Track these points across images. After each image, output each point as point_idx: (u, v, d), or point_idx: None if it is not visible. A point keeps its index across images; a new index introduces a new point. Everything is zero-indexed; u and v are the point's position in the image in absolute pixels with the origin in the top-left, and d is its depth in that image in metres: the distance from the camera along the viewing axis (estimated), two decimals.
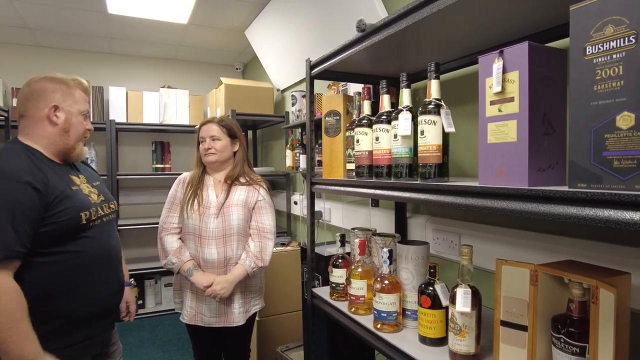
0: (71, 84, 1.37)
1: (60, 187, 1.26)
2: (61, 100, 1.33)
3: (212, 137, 1.84)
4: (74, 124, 1.35)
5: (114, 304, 1.44)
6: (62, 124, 1.32)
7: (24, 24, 3.26)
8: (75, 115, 1.36)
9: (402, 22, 1.08)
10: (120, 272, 1.47)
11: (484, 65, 0.90)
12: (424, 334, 1.15)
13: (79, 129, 1.37)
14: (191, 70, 4.36)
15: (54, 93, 1.32)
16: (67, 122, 1.33)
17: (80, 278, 1.29)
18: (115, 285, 1.42)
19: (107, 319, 1.43)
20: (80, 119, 1.38)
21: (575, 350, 0.80)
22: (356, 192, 1.35)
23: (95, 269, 1.33)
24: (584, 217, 0.66)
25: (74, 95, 1.36)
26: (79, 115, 1.37)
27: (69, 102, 1.34)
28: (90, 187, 1.41)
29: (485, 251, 1.38)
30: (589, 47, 0.66)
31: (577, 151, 0.68)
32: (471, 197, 0.88)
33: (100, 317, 1.37)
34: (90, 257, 1.32)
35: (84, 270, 1.30)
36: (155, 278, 3.92)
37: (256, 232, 1.83)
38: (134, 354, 3.04)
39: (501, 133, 0.86)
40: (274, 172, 3.45)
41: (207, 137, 1.84)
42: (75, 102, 1.36)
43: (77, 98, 1.37)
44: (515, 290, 0.93)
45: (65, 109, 1.33)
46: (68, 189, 1.29)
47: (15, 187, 1.15)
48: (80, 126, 1.38)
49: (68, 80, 1.37)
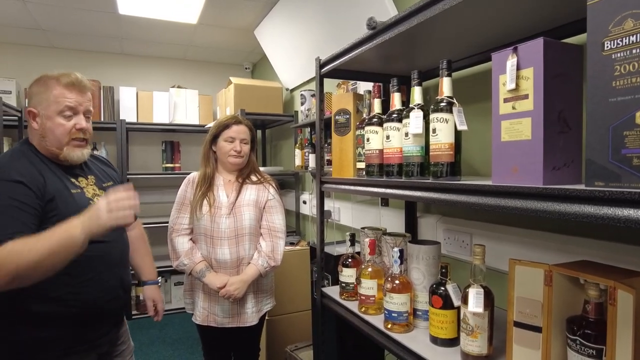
0: (50, 82, 1.27)
1: (58, 190, 1.22)
2: (37, 103, 1.26)
3: (243, 140, 1.81)
4: (49, 127, 1.25)
5: (117, 307, 1.40)
6: (39, 130, 1.26)
7: (37, 25, 3.30)
8: (51, 118, 1.25)
9: (413, 20, 1.07)
10: (125, 275, 1.41)
11: (498, 62, 0.88)
12: (435, 335, 1.14)
13: (58, 131, 1.26)
14: (201, 70, 4.38)
15: (35, 97, 1.27)
16: (42, 127, 1.26)
17: (79, 282, 1.24)
18: (116, 289, 1.36)
19: (110, 321, 1.39)
20: (59, 120, 1.26)
21: (592, 353, 0.78)
22: (366, 192, 1.34)
23: (94, 274, 1.28)
24: (601, 217, 0.64)
25: (50, 95, 1.25)
26: (56, 117, 1.25)
27: (43, 104, 1.25)
28: (97, 189, 1.36)
29: (497, 251, 1.36)
30: (607, 42, 0.65)
31: (594, 149, 0.67)
32: (485, 196, 0.87)
33: (101, 320, 1.33)
34: (90, 261, 1.25)
35: (82, 275, 1.25)
36: (165, 277, 3.94)
37: (267, 231, 1.83)
38: (144, 352, 3.06)
39: (515, 131, 0.84)
40: (283, 172, 3.45)
41: (238, 138, 1.81)
42: (51, 103, 1.25)
43: (54, 97, 1.25)
44: (528, 290, 0.91)
45: (40, 112, 1.26)
46: (66, 192, 1.24)
47: (6, 185, 1.12)
48: (59, 128, 1.26)
49: (49, 79, 1.27)
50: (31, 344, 1.21)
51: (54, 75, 1.28)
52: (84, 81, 1.32)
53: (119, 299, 1.38)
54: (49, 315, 1.21)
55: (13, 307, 1.18)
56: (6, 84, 3.41)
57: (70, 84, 1.28)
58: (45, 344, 1.22)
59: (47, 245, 1.05)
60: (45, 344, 1.22)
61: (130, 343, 1.57)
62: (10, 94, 3.40)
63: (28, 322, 1.20)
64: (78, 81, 1.30)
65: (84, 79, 1.33)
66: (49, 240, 1.06)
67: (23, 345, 1.21)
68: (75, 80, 1.30)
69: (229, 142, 1.81)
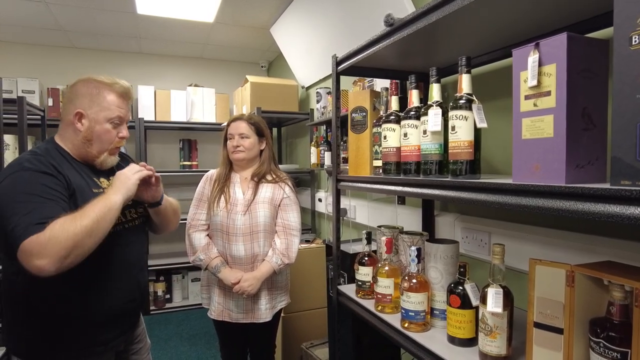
0: (103, 88, 1.27)
1: (79, 187, 1.22)
2: (87, 106, 1.25)
3: (241, 135, 1.85)
4: (97, 132, 1.26)
5: (133, 308, 1.40)
6: (84, 132, 1.25)
7: (59, 26, 3.38)
8: (100, 123, 1.26)
9: (432, 16, 1.05)
10: (141, 277, 1.42)
11: (519, 58, 0.87)
12: (453, 334, 1.13)
13: (105, 138, 1.27)
14: (217, 68, 4.42)
15: (82, 98, 1.25)
16: (89, 131, 1.25)
17: (94, 284, 1.25)
18: (133, 292, 1.37)
19: (126, 322, 1.39)
20: (108, 127, 1.27)
21: (616, 356, 0.77)
22: (383, 190, 1.33)
23: (111, 277, 1.29)
24: (628, 217, 0.63)
25: (103, 101, 1.26)
26: (105, 123, 1.26)
27: (95, 109, 1.25)
28: None
29: (516, 250, 1.34)
30: (635, 36, 0.63)
31: (620, 147, 0.65)
32: (505, 195, 0.86)
33: (117, 322, 1.33)
34: (106, 265, 1.27)
35: (99, 278, 1.26)
36: (183, 273, 4.00)
37: (282, 229, 1.84)
38: (162, 347, 3.11)
39: (537, 128, 0.83)
40: (299, 170, 3.46)
41: (236, 134, 1.85)
42: (103, 109, 1.26)
43: (107, 104, 1.26)
44: (550, 291, 0.90)
45: (90, 116, 1.25)
46: (88, 191, 1.24)
47: (37, 175, 1.14)
48: (107, 135, 1.28)
49: (101, 84, 1.27)
50: (46, 343, 1.22)
51: (107, 82, 1.29)
52: (132, 91, 1.36)
53: (135, 301, 1.39)
54: (65, 316, 1.22)
55: (29, 307, 1.20)
56: (30, 84, 3.51)
57: (123, 93, 1.31)
58: (61, 343, 1.23)
59: (93, 213, 1.11)
60: (60, 344, 1.23)
61: (147, 341, 1.58)
62: (33, 93, 3.49)
63: (44, 321, 1.21)
64: (129, 91, 1.34)
65: (131, 89, 1.36)
66: (92, 209, 1.12)
67: (38, 344, 1.22)
68: (127, 91, 1.33)
69: (230, 139, 1.87)
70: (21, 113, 2.49)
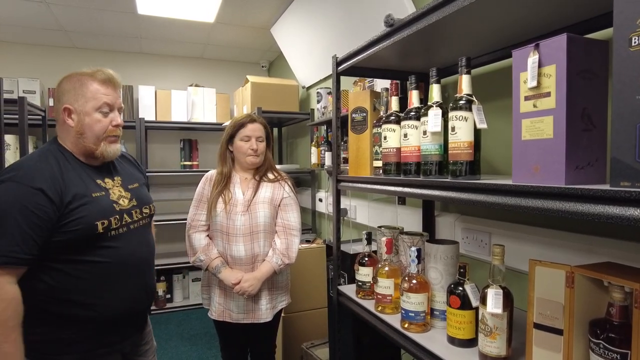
0: (85, 79, 1.25)
1: (79, 194, 1.20)
2: (73, 100, 1.24)
3: (258, 138, 1.83)
4: (88, 124, 1.25)
5: (140, 311, 1.39)
6: (76, 127, 1.24)
7: (60, 26, 3.38)
8: (89, 115, 1.25)
9: (432, 16, 1.05)
10: (149, 279, 1.40)
11: (518, 59, 0.87)
12: (452, 335, 1.13)
13: (97, 127, 1.26)
14: (218, 68, 4.42)
15: (67, 94, 1.24)
16: (80, 124, 1.24)
17: (100, 287, 1.24)
18: (140, 294, 1.36)
19: (133, 324, 1.38)
20: (97, 116, 1.26)
21: (616, 357, 0.77)
22: (384, 190, 1.33)
23: (118, 279, 1.27)
24: (627, 218, 0.63)
25: (87, 91, 1.24)
26: (94, 113, 1.25)
27: (80, 101, 1.24)
28: (123, 190, 1.35)
29: (516, 251, 1.34)
30: (634, 37, 0.63)
31: (620, 148, 0.65)
32: (505, 196, 0.86)
33: (124, 324, 1.33)
34: (113, 267, 1.26)
35: (105, 280, 1.25)
36: (183, 273, 4.00)
37: (282, 229, 1.84)
38: (163, 347, 3.11)
39: (536, 129, 0.83)
40: (299, 170, 3.46)
41: (254, 137, 1.82)
42: (88, 100, 1.24)
43: (91, 94, 1.25)
44: (549, 292, 0.90)
45: (77, 109, 1.24)
46: (88, 197, 1.22)
47: (25, 192, 1.11)
48: (98, 124, 1.26)
49: (83, 76, 1.26)
50: (51, 345, 1.22)
51: (88, 72, 1.27)
52: (117, 77, 1.33)
53: (142, 303, 1.38)
54: (70, 318, 1.21)
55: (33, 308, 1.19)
56: (31, 84, 3.51)
57: (106, 80, 1.28)
58: (66, 346, 1.22)
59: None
60: (66, 346, 1.22)
61: (154, 343, 1.57)
62: (34, 93, 3.49)
63: (49, 323, 1.21)
64: (112, 77, 1.30)
65: (116, 75, 1.33)
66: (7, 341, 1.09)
67: (43, 345, 1.21)
68: (110, 77, 1.30)
69: (245, 141, 1.82)
70: (22, 113, 2.49)
